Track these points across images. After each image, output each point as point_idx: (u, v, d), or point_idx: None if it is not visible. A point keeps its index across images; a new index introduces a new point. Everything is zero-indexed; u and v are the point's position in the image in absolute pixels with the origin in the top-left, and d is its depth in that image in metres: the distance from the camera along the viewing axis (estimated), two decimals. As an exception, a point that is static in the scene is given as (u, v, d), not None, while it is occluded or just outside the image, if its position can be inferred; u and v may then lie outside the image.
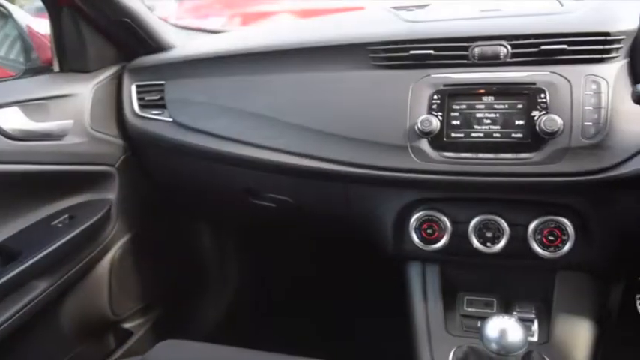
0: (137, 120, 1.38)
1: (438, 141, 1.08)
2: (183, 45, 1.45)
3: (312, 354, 0.99)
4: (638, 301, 1.65)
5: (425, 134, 1.07)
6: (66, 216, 1.29)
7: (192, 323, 1.78)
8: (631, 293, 1.63)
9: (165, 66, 1.38)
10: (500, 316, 0.97)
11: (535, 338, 1.15)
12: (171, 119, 1.33)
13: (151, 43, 1.41)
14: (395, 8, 1.32)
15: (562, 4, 1.19)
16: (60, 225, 1.27)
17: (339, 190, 1.23)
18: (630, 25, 1.07)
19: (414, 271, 1.25)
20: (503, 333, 0.94)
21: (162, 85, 1.36)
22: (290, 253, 1.93)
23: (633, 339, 1.58)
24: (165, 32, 1.45)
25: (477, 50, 1.09)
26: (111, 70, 1.41)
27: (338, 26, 1.34)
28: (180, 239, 1.75)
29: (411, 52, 1.12)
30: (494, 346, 0.95)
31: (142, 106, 1.38)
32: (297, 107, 1.21)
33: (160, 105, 1.36)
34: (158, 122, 1.35)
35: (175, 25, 1.61)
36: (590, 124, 1.01)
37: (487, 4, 1.25)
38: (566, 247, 1.09)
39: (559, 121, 1.01)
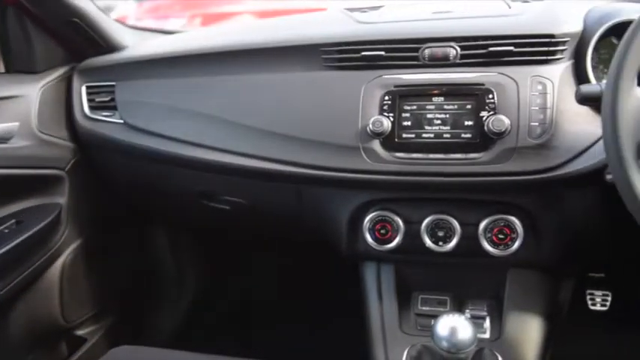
0: (87, 122, 1.35)
1: (390, 141, 1.09)
2: (135, 45, 1.43)
3: (270, 357, 0.98)
4: (588, 297, 1.70)
5: (376, 135, 1.08)
6: (13, 221, 1.25)
7: (148, 330, 1.75)
8: (582, 289, 1.68)
9: (117, 67, 1.35)
10: (451, 315, 0.98)
11: (487, 335, 1.17)
12: (122, 121, 1.31)
13: (102, 44, 1.39)
14: (348, 9, 1.32)
15: (510, 7, 1.21)
16: (6, 230, 1.23)
17: (293, 191, 1.23)
18: (574, 28, 1.10)
19: (369, 272, 1.26)
20: (453, 331, 0.95)
21: (112, 86, 1.33)
22: (248, 257, 1.92)
23: (584, 333, 1.62)
24: (117, 32, 1.42)
25: (427, 51, 1.10)
26: (60, 71, 1.38)
27: (291, 27, 1.34)
28: (135, 244, 1.71)
29: (363, 53, 1.12)
30: (444, 344, 0.96)
31: (92, 108, 1.35)
32: (250, 108, 1.20)
33: (110, 107, 1.33)
34: (109, 124, 1.33)
35: (130, 26, 1.58)
36: (537, 124, 1.03)
37: (439, 5, 1.26)
38: (516, 245, 1.12)
39: (506, 121, 1.03)
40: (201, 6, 4.00)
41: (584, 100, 0.95)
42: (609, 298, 1.69)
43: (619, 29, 1.04)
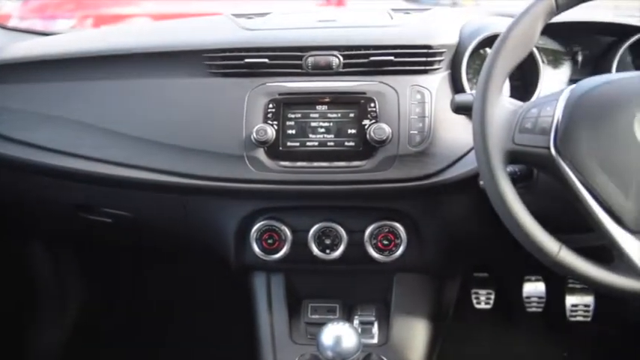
0: None
1: (274, 150, 1.08)
2: (4, 47, 1.32)
3: None
4: (474, 296, 1.78)
5: (261, 143, 1.06)
6: None
7: (26, 351, 1.63)
8: (467, 288, 1.76)
9: None
10: (335, 323, 0.98)
11: (375, 340, 1.19)
12: None
13: None
14: (235, 15, 1.30)
15: (392, 17, 1.23)
16: None
17: (177, 202, 1.18)
18: (451, 40, 1.14)
19: (259, 282, 1.24)
20: (337, 340, 0.96)
21: None
22: (136, 270, 1.84)
23: (470, 332, 1.69)
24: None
25: (310, 60, 1.10)
26: None
27: (174, 32, 1.29)
28: (9, 259, 1.58)
29: (246, 60, 1.10)
30: (329, 353, 0.96)
31: None
32: (130, 116, 1.14)
33: None
34: None
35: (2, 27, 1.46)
36: (416, 132, 1.06)
37: (325, 14, 1.27)
38: (400, 250, 1.14)
39: (387, 129, 1.05)
40: (93, 6, 3.82)
41: (458, 109, 0.99)
42: (493, 297, 1.78)
43: (490, 42, 1.09)
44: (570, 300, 1.78)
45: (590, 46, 1.24)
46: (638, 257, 0.80)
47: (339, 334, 0.96)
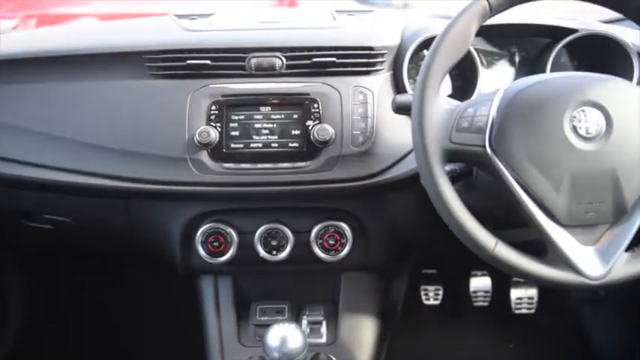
0: None
1: (218, 152, 1.07)
2: None
3: None
4: (422, 292, 1.81)
5: (204, 145, 1.05)
6: None
7: None
8: (416, 285, 1.79)
9: None
10: (281, 324, 0.99)
11: (323, 340, 1.20)
12: None
13: None
14: (178, 16, 1.28)
15: (335, 19, 1.25)
16: None
17: (121, 206, 1.16)
18: (392, 41, 1.16)
19: (206, 285, 1.24)
20: (283, 341, 0.96)
21: None
22: (83, 276, 1.79)
23: (419, 328, 1.73)
24: None
25: (253, 61, 1.10)
26: None
27: (115, 32, 1.27)
28: None
29: (188, 61, 1.09)
30: (275, 354, 0.96)
31: None
32: (69, 120, 1.11)
33: None
34: None
35: None
36: (359, 132, 1.07)
37: (268, 16, 1.27)
38: (346, 249, 1.15)
39: (331, 130, 1.05)
40: (38, 6, 3.70)
41: (399, 109, 1.00)
42: (441, 293, 1.82)
43: (431, 43, 1.11)
44: (515, 293, 1.83)
45: (527, 47, 1.28)
46: (569, 250, 0.84)
47: (285, 334, 0.96)
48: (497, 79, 1.26)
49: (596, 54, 1.22)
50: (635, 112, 0.86)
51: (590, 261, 0.84)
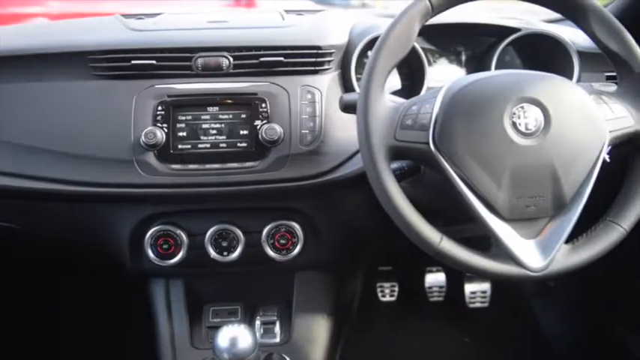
0: None
1: (165, 153, 1.05)
2: None
3: None
4: (378, 289, 1.83)
5: (150, 147, 1.04)
6: None
7: None
8: (372, 282, 1.81)
9: None
10: (230, 325, 0.98)
11: (277, 339, 1.20)
12: None
13: None
14: (124, 16, 1.26)
15: (284, 18, 1.25)
16: None
17: (67, 210, 1.14)
18: (340, 40, 1.17)
19: (157, 288, 1.22)
20: (233, 342, 0.95)
21: None
22: (29, 282, 1.74)
23: (375, 324, 1.74)
24: None
25: (200, 61, 1.09)
26: None
27: (60, 32, 1.24)
28: None
29: (133, 61, 1.07)
30: (225, 356, 0.96)
31: None
32: (9, 122, 1.08)
33: None
34: None
35: None
36: (307, 131, 1.08)
37: (215, 15, 1.26)
38: (297, 248, 1.15)
39: (279, 129, 1.05)
40: (-8, 6, 3.58)
41: (346, 107, 1.01)
42: (397, 289, 1.84)
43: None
44: (469, 287, 1.87)
45: (473, 46, 1.31)
46: (512, 243, 0.86)
47: (234, 335, 0.96)
48: (444, 78, 1.27)
49: (540, 52, 1.26)
50: (573, 109, 0.88)
51: (531, 254, 0.86)
